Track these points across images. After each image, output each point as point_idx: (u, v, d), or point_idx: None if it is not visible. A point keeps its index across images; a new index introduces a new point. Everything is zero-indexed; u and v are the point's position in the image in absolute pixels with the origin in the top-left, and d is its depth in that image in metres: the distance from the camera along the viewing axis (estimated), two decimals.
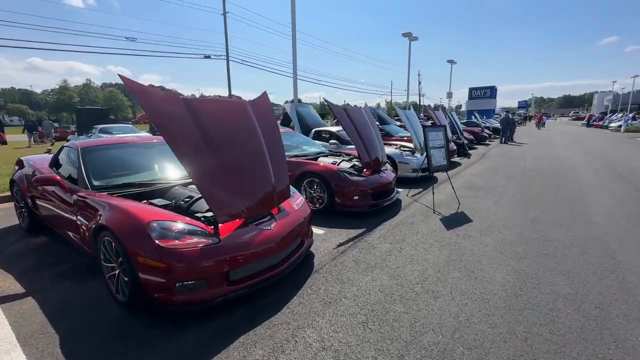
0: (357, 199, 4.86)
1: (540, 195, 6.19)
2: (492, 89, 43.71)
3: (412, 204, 5.76)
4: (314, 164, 5.15)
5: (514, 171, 8.81)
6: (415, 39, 23.80)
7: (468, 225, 4.57)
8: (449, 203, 5.74)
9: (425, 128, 5.27)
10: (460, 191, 6.60)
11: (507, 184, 7.28)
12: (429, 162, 5.26)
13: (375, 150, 5.37)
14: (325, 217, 4.97)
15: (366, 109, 5.90)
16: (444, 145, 5.54)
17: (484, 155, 12.52)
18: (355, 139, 5.03)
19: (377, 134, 5.77)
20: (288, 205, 3.36)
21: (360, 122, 5.36)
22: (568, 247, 3.80)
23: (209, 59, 28.98)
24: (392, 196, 5.44)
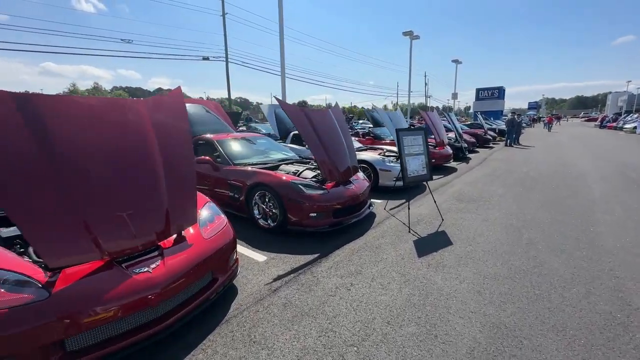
0: (315, 217, 4.07)
1: (540, 210, 5.30)
2: (500, 90, 42.39)
3: (388, 219, 4.94)
4: (265, 174, 4.38)
5: (514, 179, 7.89)
6: (416, 37, 22.89)
7: (445, 251, 3.73)
8: (430, 219, 4.90)
9: (398, 132, 4.46)
10: (448, 203, 5.74)
11: (504, 194, 6.38)
12: (403, 172, 4.44)
13: (341, 159, 4.58)
14: (276, 238, 4.19)
15: (335, 109, 5.13)
16: (423, 151, 4.71)
17: (485, 159, 11.57)
18: (315, 146, 4.25)
19: (347, 140, 4.97)
20: (193, 235, 2.62)
21: (324, 126, 4.57)
22: (568, 285, 2.94)
23: (213, 62, 28.58)
24: (361, 212, 4.63)
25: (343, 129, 5.01)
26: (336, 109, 5.18)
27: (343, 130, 4.99)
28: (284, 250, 3.79)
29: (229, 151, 5.20)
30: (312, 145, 4.22)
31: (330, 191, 4.27)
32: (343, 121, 5.13)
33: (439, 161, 8.99)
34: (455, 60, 32.83)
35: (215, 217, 2.95)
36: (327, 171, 4.30)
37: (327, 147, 4.45)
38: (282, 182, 4.18)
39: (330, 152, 4.46)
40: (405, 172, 4.45)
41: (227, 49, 29.53)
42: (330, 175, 4.31)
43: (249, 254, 3.73)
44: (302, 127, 4.21)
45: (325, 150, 4.38)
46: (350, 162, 4.79)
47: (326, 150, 4.40)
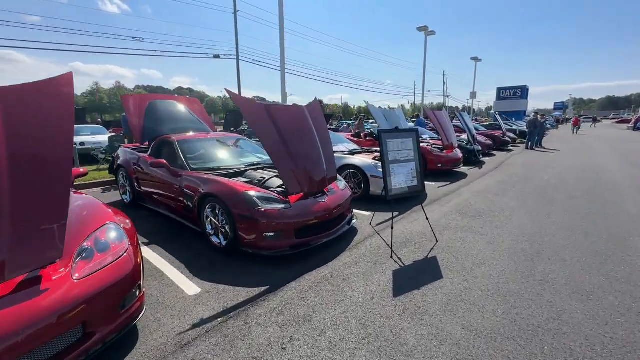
0: (271, 237, 3.30)
1: (561, 230, 4.32)
2: (523, 89, 40.30)
3: (371, 238, 4.11)
4: (216, 183, 3.65)
5: (532, 188, 6.84)
6: (431, 33, 21.71)
7: (431, 288, 2.89)
8: (422, 239, 4.04)
9: (381, 133, 3.62)
10: (448, 218, 4.84)
11: (518, 208, 5.40)
12: (386, 184, 3.59)
13: (314, 168, 3.79)
14: (226, 259, 3.46)
15: (312, 105, 4.33)
16: (413, 158, 3.84)
17: (501, 164, 10.45)
18: (276, 152, 3.48)
19: (325, 144, 4.17)
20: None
21: (293, 127, 3.79)
22: (597, 357, 2.05)
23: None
24: (335, 230, 3.82)
25: (320, 130, 4.21)
26: (313, 105, 4.39)
27: (320, 132, 4.19)
28: (226, 280, 3.04)
29: (188, 154, 4.51)
30: (273, 151, 3.46)
31: (294, 205, 3.49)
32: (321, 121, 4.34)
33: (446, 166, 8.03)
34: (474, 58, 31.22)
35: (111, 244, 2.24)
36: (292, 183, 3.52)
37: (296, 153, 3.67)
38: (233, 193, 3.44)
39: (300, 160, 3.68)
40: (389, 183, 3.61)
41: (238, 47, 29.24)
42: (297, 187, 3.53)
43: (182, 282, 3.00)
44: (260, 128, 3.45)
45: (291, 157, 3.60)
46: (326, 171, 4.00)
47: (293, 157, 3.62)
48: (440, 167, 7.95)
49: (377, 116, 5.73)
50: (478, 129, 16.31)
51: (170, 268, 3.28)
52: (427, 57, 22.19)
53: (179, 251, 3.69)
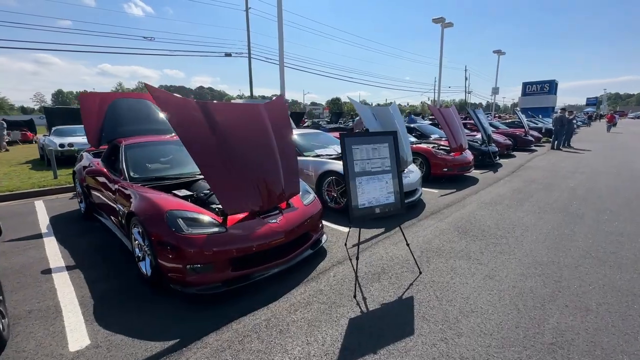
0: (198, 270, 2.61)
1: (586, 261, 3.39)
2: (551, 84, 37.72)
3: (340, 265, 3.34)
4: (142, 199, 3.00)
5: (554, 199, 5.81)
6: (449, 25, 20.33)
7: (391, 353, 2.09)
8: (403, 269, 3.23)
9: (343, 137, 2.82)
10: (442, 238, 3.99)
11: (532, 226, 4.45)
12: (349, 202, 2.80)
13: (267, 179, 3.08)
14: (147, 293, 2.80)
15: (275, 102, 3.60)
16: (389, 168, 3.03)
17: (520, 167, 9.31)
18: (205, 160, 2.79)
19: (286, 151, 3.44)
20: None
21: (238, 130, 3.09)
22: None
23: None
24: (292, 257, 3.08)
25: (281, 134, 3.48)
26: (275, 103, 3.66)
27: (281, 136, 3.46)
28: (131, 328, 2.38)
29: (133, 160, 3.90)
30: (201, 160, 2.76)
31: (232, 229, 2.78)
32: (284, 124, 3.60)
33: (453, 170, 7.07)
34: (497, 51, 29.30)
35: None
36: (228, 200, 2.82)
37: (240, 162, 2.97)
38: (154, 212, 2.77)
39: (245, 170, 2.97)
40: (353, 200, 2.82)
41: (249, 45, 28.95)
42: (234, 205, 2.82)
43: (74, 329, 2.36)
44: (185, 130, 2.74)
45: (231, 167, 2.90)
46: (284, 184, 3.26)
47: (234, 167, 2.91)
48: (446, 171, 7.01)
49: (363, 114, 4.92)
50: (497, 127, 15.03)
51: (74, 306, 2.66)
52: (446, 51, 20.85)
53: (100, 281, 3.07)
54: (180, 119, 2.72)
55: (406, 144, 5.53)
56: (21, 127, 21.83)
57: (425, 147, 7.34)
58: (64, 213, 5.31)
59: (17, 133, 20.67)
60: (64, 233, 4.34)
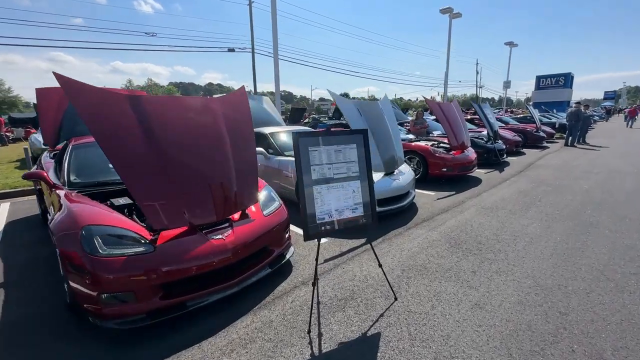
0: (117, 299, 2.16)
1: (600, 284, 2.81)
2: (566, 77, 36.18)
3: (304, 286, 2.85)
4: (62, 210, 2.56)
5: (565, 204, 5.17)
6: (457, 15, 19.46)
7: None
8: (376, 293, 2.72)
9: (299, 137, 2.29)
10: (431, 252, 3.45)
11: (538, 237, 3.86)
12: (303, 214, 2.29)
13: (213, 185, 2.60)
14: (60, 328, 2.37)
15: (236, 95, 3.10)
16: (357, 174, 2.50)
17: (529, 166, 8.61)
18: (126, 163, 2.32)
19: (243, 150, 2.95)
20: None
21: (177, 128, 2.61)
22: None
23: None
24: (241, 279, 2.60)
25: (237, 133, 2.98)
26: (235, 95, 3.16)
27: (237, 135, 2.97)
28: None
29: (78, 162, 3.48)
30: (121, 162, 2.29)
31: (162, 248, 2.31)
32: (244, 121, 3.10)
33: (453, 171, 6.46)
34: (509, 43, 28.12)
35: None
36: (156, 213, 2.35)
37: (177, 168, 2.50)
38: (67, 228, 2.33)
39: (183, 178, 2.50)
40: (309, 214, 2.31)
41: (253, 40, 28.54)
42: (166, 219, 2.35)
43: None
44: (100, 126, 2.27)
45: (159, 175, 2.42)
46: (236, 191, 2.78)
47: (166, 174, 2.44)
48: (446, 172, 6.42)
49: (345, 110, 4.36)
50: (507, 123, 14.22)
51: None
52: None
53: (21, 304, 2.65)
54: (94, 113, 2.25)
55: (397, 142, 4.97)
56: (26, 124, 21.92)
57: (423, 145, 6.75)
58: (26, 217, 4.95)
59: (20, 130, 20.75)
60: (11, 242, 3.96)
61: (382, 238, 3.90)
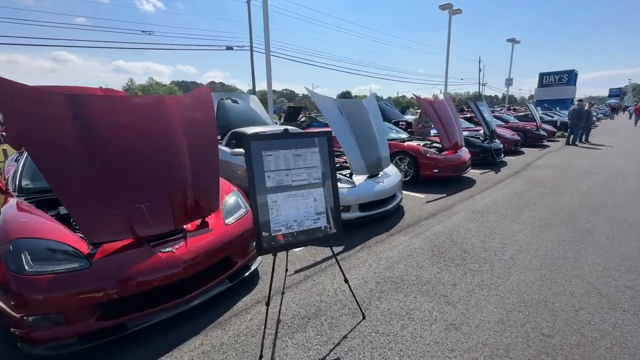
0: (46, 322, 1.95)
1: (591, 300, 2.56)
2: (570, 74, 35.59)
3: (255, 307, 2.62)
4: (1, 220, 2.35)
5: (561, 207, 4.90)
6: (457, 12, 19.06)
7: None
8: (344, 311, 2.49)
9: (249, 139, 2.04)
10: (410, 262, 3.21)
11: (528, 245, 3.61)
12: (256, 226, 2.05)
13: (162, 191, 2.38)
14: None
15: (194, 95, 2.87)
16: (319, 181, 2.26)
17: (527, 166, 8.31)
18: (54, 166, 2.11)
19: (200, 153, 2.72)
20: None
21: (120, 130, 2.38)
22: None
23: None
24: (193, 296, 2.38)
25: (198, 135, 2.76)
26: (197, 95, 2.93)
27: (197, 138, 2.74)
28: None
29: (32, 165, 3.26)
30: (49, 170, 2.06)
31: (98, 264, 2.09)
32: (206, 123, 2.87)
33: (445, 172, 6.19)
34: (511, 40, 27.59)
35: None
36: (97, 226, 2.13)
37: (120, 173, 2.28)
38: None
39: (129, 186, 2.28)
40: (263, 226, 2.08)
41: (251, 38, 28.40)
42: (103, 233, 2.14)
43: None
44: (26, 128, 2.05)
45: (98, 181, 2.20)
46: (193, 201, 2.55)
47: (106, 180, 2.22)
48: (437, 173, 6.16)
49: (325, 109, 4.10)
50: (507, 121, 13.91)
51: None
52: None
53: None
54: (25, 114, 2.04)
55: (382, 143, 4.72)
56: None
57: (414, 145, 6.49)
58: None
59: None
60: None
61: (361, 245, 3.66)
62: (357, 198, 4.03)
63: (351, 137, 4.27)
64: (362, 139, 4.41)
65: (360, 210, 4.08)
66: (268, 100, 9.74)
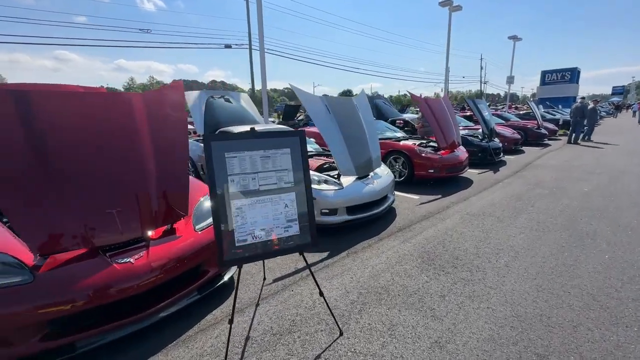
0: None
1: (590, 313, 2.34)
2: (572, 72, 35.21)
3: (237, 315, 2.43)
4: None
5: (561, 209, 4.68)
6: (457, 8, 18.74)
7: None
8: (321, 325, 2.28)
9: (209, 140, 1.84)
10: (397, 269, 3.00)
11: (524, 251, 3.39)
12: (218, 236, 1.85)
13: (126, 196, 2.18)
14: None
15: (161, 93, 2.66)
16: (291, 184, 2.05)
17: (527, 166, 8.08)
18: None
19: (167, 152, 2.52)
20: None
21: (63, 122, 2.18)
22: None
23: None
24: (151, 311, 2.18)
25: (166, 135, 2.56)
26: (165, 92, 2.72)
27: (165, 138, 2.54)
28: None
29: None
30: None
31: (43, 277, 1.89)
32: (176, 122, 2.67)
33: (440, 172, 5.97)
34: (512, 37, 27.21)
35: None
36: (43, 236, 1.94)
37: (73, 177, 2.08)
38: None
39: (83, 190, 2.08)
40: (226, 235, 1.88)
41: (250, 36, 28.24)
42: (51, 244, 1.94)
43: None
44: None
45: (45, 186, 2.01)
46: (157, 207, 2.36)
47: (56, 185, 2.02)
48: (432, 173, 5.94)
49: (311, 108, 3.89)
50: (508, 119, 13.65)
51: None
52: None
53: None
54: None
55: (372, 143, 4.51)
56: None
57: (409, 145, 6.27)
58: None
59: None
60: None
61: (347, 251, 3.46)
62: (344, 200, 3.82)
63: (339, 137, 4.05)
64: (351, 138, 4.19)
65: (348, 213, 3.88)
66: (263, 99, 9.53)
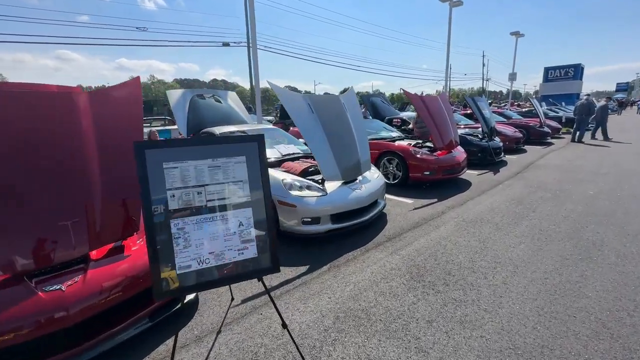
0: None
1: (600, 341, 2.02)
2: (576, 68, 34.67)
3: (196, 344, 2.12)
4: None
5: (564, 215, 4.34)
6: (458, 4, 18.34)
7: None
8: (287, 359, 1.97)
9: (142, 148, 1.54)
10: (382, 287, 2.69)
11: (524, 265, 3.06)
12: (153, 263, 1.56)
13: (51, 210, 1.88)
14: None
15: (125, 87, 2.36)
16: (247, 199, 1.74)
17: (529, 165, 7.72)
18: None
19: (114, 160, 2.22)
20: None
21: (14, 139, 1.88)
22: None
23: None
24: (87, 345, 1.88)
25: (116, 137, 2.25)
26: (117, 90, 2.41)
27: (115, 140, 2.24)
28: None
29: None
30: None
31: None
32: (131, 124, 2.37)
33: (436, 174, 5.63)
34: (514, 33, 26.75)
35: None
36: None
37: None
38: None
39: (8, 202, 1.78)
40: (164, 261, 1.58)
41: (248, 34, 27.89)
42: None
43: None
44: None
45: None
46: (101, 222, 2.05)
47: None
48: (428, 175, 5.61)
49: (291, 107, 3.56)
50: (509, 117, 13.26)
51: None
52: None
53: None
54: None
55: (361, 144, 4.18)
56: None
57: (404, 145, 5.94)
58: None
59: None
60: None
61: (329, 265, 3.14)
62: (328, 208, 3.50)
63: (322, 138, 3.73)
64: (337, 140, 3.87)
65: (332, 221, 3.56)
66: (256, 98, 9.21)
